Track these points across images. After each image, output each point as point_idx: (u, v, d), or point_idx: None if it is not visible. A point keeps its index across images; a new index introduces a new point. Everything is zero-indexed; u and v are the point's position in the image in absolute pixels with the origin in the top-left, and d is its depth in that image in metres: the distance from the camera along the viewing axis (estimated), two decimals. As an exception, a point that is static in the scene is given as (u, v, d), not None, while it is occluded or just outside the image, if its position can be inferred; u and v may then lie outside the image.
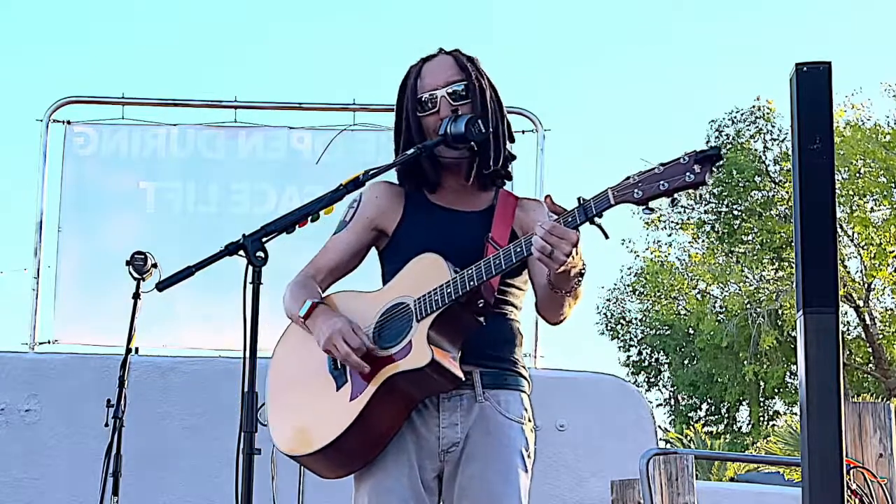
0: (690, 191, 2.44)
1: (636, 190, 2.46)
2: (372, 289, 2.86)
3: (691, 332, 27.76)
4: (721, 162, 2.45)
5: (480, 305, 2.70)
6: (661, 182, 2.44)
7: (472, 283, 2.64)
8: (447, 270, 2.68)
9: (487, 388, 2.79)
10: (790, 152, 2.53)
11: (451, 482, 2.78)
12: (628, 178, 2.48)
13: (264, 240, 2.53)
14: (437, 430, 2.77)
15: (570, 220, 2.52)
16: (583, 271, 2.64)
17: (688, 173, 2.42)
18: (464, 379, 2.71)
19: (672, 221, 28.06)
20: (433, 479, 2.79)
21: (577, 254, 2.54)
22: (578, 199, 2.52)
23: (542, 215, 2.72)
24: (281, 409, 2.84)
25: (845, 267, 25.36)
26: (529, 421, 2.85)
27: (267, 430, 2.79)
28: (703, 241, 28.05)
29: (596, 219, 2.50)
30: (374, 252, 2.99)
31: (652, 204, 2.46)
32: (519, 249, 2.60)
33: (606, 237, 2.50)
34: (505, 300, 2.84)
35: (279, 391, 2.86)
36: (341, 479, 2.82)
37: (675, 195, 2.45)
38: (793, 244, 2.59)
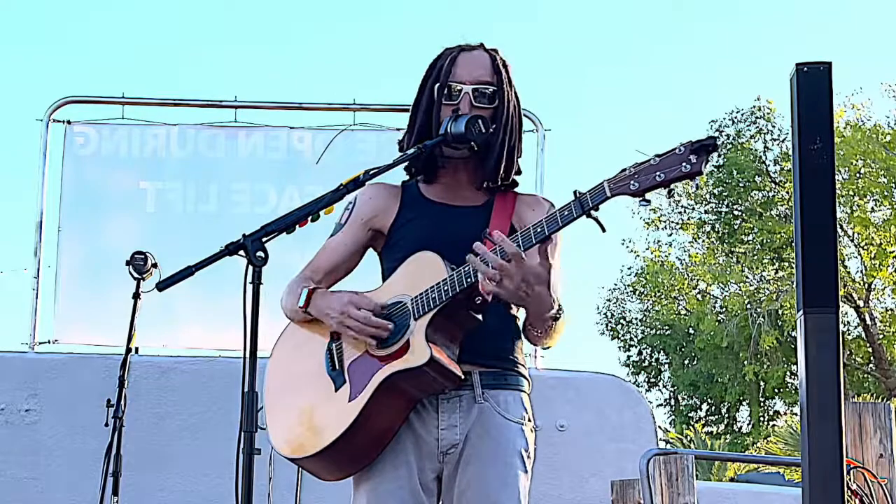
0: (688, 181, 2.44)
1: (632, 182, 2.46)
2: (369, 289, 2.84)
3: (691, 332, 27.76)
4: (717, 151, 2.45)
5: (478, 302, 2.67)
6: (658, 173, 2.44)
7: (468, 279, 2.62)
8: (444, 268, 2.67)
9: (487, 388, 2.76)
10: (790, 152, 2.53)
11: (450, 484, 2.75)
12: (624, 170, 2.48)
13: (264, 240, 2.52)
14: (435, 431, 2.74)
15: (566, 213, 2.51)
16: (557, 316, 2.64)
17: (684, 163, 2.42)
18: (463, 377, 2.69)
19: (672, 221, 28.07)
20: (432, 480, 2.76)
21: (542, 292, 2.55)
22: (575, 192, 2.51)
23: (541, 212, 2.72)
24: (279, 411, 2.81)
25: (845, 267, 25.37)
26: (529, 421, 2.82)
27: (265, 431, 2.78)
28: (704, 241, 28.05)
29: (592, 212, 2.49)
30: (372, 255, 2.98)
31: (649, 195, 2.46)
32: (516, 243, 2.57)
33: (603, 230, 2.49)
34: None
35: (277, 393, 2.84)
36: (340, 481, 2.81)
37: (672, 186, 2.45)
38: (793, 244, 2.58)
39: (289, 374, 2.85)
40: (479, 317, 2.70)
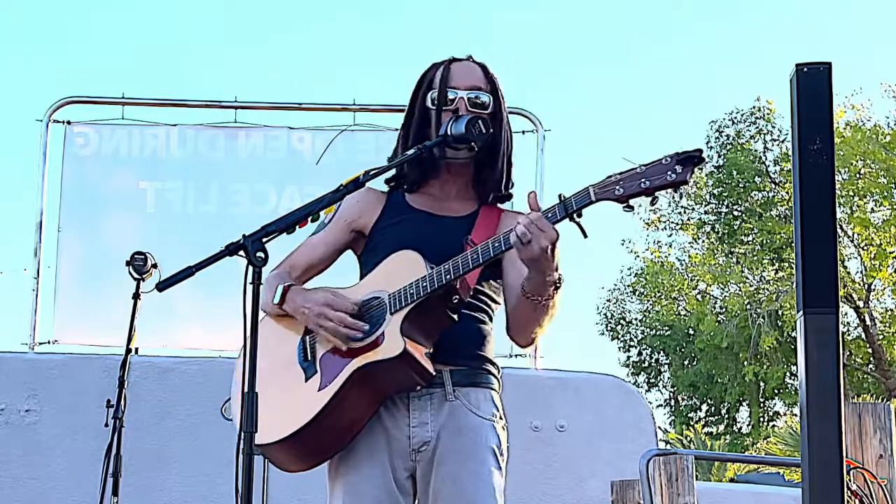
0: (671, 190, 2.49)
1: (617, 187, 2.51)
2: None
3: (691, 332, 27.77)
4: (703, 163, 2.49)
5: (455, 301, 2.70)
6: (643, 180, 2.49)
7: (447, 276, 2.65)
8: (423, 266, 2.69)
9: (458, 386, 2.79)
10: (790, 152, 2.53)
11: (424, 483, 2.77)
12: (610, 176, 2.53)
13: (264, 240, 2.53)
14: (406, 429, 2.76)
15: (549, 215, 2.55)
16: (558, 284, 2.65)
17: (669, 172, 2.48)
18: (434, 374, 2.71)
19: (672, 222, 28.07)
20: (406, 478, 2.78)
21: (553, 256, 2.57)
22: (560, 195, 2.55)
23: None
24: None
25: (845, 267, 25.37)
26: (501, 419, 2.85)
27: (231, 423, 2.77)
28: (704, 241, 28.05)
29: (575, 216, 2.54)
30: (352, 255, 2.99)
31: (632, 202, 2.51)
32: (497, 244, 2.61)
33: (585, 235, 2.54)
34: (479, 306, 2.84)
35: None
36: (304, 472, 2.80)
37: (656, 194, 2.50)
38: (793, 244, 2.59)
39: (260, 364, 2.85)
40: (455, 316, 2.72)
